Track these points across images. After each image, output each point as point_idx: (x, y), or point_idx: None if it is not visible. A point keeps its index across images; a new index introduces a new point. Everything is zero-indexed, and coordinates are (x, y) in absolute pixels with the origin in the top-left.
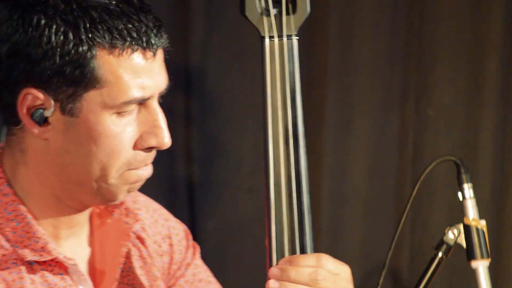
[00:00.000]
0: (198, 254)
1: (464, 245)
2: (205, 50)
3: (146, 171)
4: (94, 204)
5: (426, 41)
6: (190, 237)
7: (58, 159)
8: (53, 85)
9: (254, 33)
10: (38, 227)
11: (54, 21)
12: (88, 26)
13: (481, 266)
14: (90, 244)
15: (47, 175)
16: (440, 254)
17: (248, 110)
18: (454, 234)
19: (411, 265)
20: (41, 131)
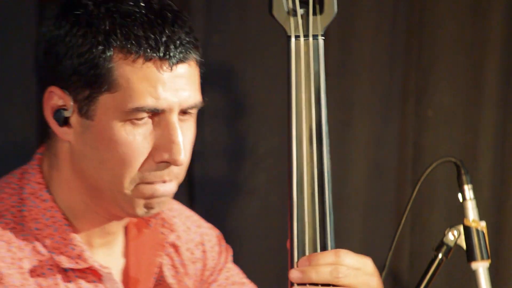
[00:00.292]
0: (230, 258)
1: (464, 246)
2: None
3: (163, 188)
4: (120, 214)
5: (426, 42)
6: (222, 241)
7: (80, 164)
8: (72, 84)
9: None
10: (75, 235)
11: (80, 22)
12: (107, 29)
13: (481, 268)
14: (125, 253)
15: (74, 181)
16: (440, 255)
17: (272, 110)
18: (454, 235)
19: (411, 266)
20: (62, 132)
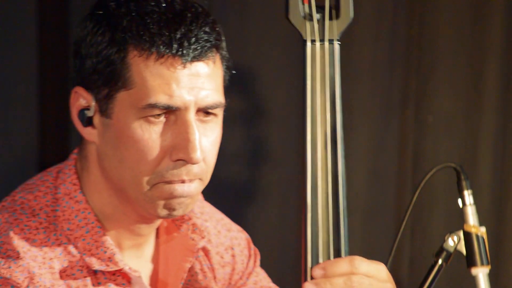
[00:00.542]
0: (258, 261)
1: (464, 252)
2: None
3: (181, 188)
4: (145, 215)
5: (426, 47)
6: (251, 245)
7: (103, 164)
8: (93, 83)
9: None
10: (106, 237)
11: (101, 22)
12: (124, 27)
13: (481, 273)
14: (155, 257)
15: (102, 182)
16: (440, 261)
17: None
18: (454, 241)
19: (411, 272)
20: (86, 133)
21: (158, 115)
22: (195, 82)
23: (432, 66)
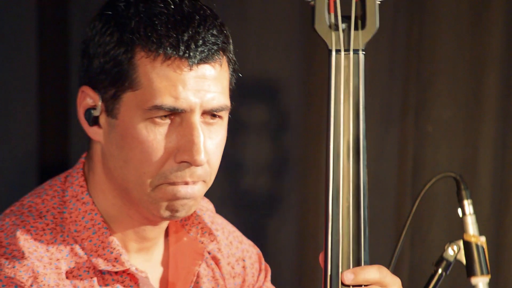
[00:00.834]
0: (269, 277)
1: (464, 261)
2: None
3: (185, 190)
4: (148, 217)
5: (425, 56)
6: (262, 260)
7: (108, 164)
8: (100, 83)
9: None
10: (113, 238)
11: (109, 23)
12: (132, 28)
13: (481, 283)
14: (164, 260)
15: (106, 183)
16: (440, 271)
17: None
18: (454, 251)
19: (411, 281)
20: (92, 132)
21: (164, 117)
22: (201, 85)
23: (431, 75)
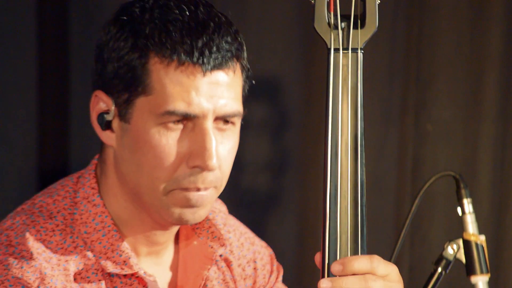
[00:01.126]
0: (280, 277)
1: (463, 260)
2: None
3: (198, 195)
4: (160, 221)
5: (425, 56)
6: (274, 261)
7: (121, 168)
8: (113, 88)
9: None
10: (123, 241)
11: (124, 28)
12: (147, 33)
13: (480, 282)
14: (173, 264)
15: (118, 187)
16: (439, 269)
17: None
18: (453, 249)
19: (411, 280)
20: (105, 137)
21: (177, 122)
22: (215, 91)
23: (431, 75)
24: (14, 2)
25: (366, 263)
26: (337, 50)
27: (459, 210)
